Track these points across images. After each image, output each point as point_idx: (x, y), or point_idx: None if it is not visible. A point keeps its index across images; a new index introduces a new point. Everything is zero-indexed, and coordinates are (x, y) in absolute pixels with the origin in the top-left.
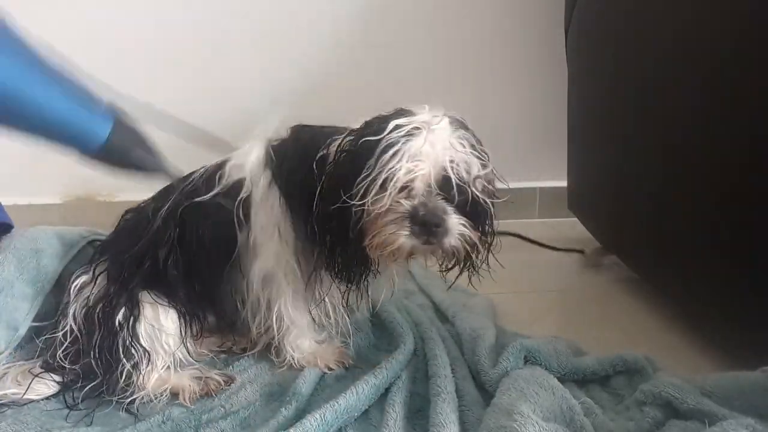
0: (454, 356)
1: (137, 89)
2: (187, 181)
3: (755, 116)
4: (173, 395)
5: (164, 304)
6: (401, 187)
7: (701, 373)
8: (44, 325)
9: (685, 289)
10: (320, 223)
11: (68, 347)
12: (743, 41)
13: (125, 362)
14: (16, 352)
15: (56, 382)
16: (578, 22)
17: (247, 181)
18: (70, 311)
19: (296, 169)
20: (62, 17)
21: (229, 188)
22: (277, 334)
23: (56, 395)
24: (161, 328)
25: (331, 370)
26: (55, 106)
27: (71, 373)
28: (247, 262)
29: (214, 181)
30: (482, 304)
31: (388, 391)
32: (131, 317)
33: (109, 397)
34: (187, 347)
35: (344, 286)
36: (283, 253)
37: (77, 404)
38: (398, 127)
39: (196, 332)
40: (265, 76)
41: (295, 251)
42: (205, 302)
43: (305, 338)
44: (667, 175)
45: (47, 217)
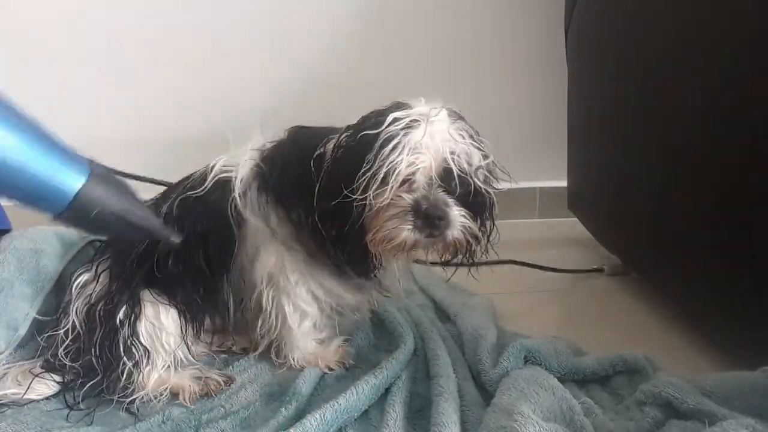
0: (454, 356)
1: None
2: (187, 180)
3: (755, 116)
4: (173, 395)
5: (165, 302)
6: (402, 180)
7: (701, 373)
8: (47, 320)
9: (685, 289)
10: (321, 220)
11: (69, 345)
12: (743, 41)
13: (126, 361)
14: (16, 352)
15: (56, 382)
16: (578, 22)
17: (238, 181)
18: (71, 309)
19: (293, 168)
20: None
21: (222, 186)
22: (277, 334)
23: (56, 395)
24: (161, 326)
25: (331, 370)
26: (16, 160)
27: (71, 371)
28: (246, 263)
29: (206, 179)
30: (482, 304)
31: (388, 391)
32: (132, 315)
33: (109, 396)
34: (187, 345)
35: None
36: (281, 253)
37: (78, 403)
38: (396, 119)
39: (196, 331)
40: (265, 76)
41: (293, 251)
42: (205, 303)
43: (306, 339)
44: (667, 175)
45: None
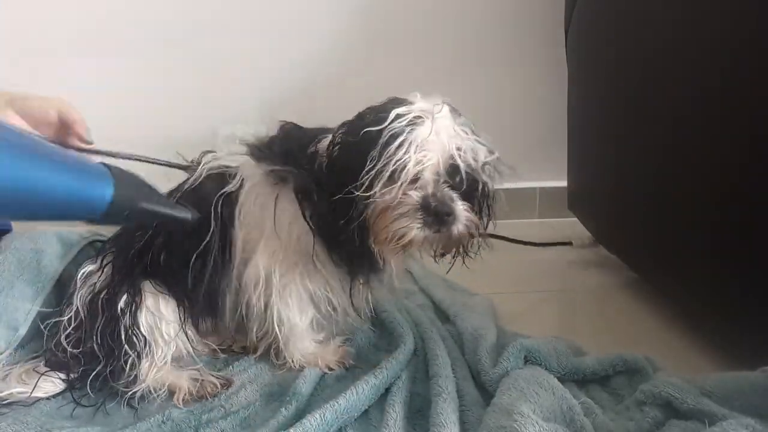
0: (454, 356)
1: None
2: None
3: (755, 116)
4: (171, 393)
5: (164, 293)
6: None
7: (701, 373)
8: (49, 312)
9: (685, 289)
10: (317, 218)
11: (71, 333)
12: (743, 41)
13: (128, 350)
14: (16, 352)
15: (62, 379)
16: (578, 22)
17: (233, 176)
18: (75, 297)
19: (286, 164)
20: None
21: (214, 180)
22: (275, 336)
23: (63, 392)
24: (161, 316)
25: (331, 370)
26: (49, 187)
27: (74, 359)
28: (239, 262)
29: (199, 174)
30: (482, 304)
31: (388, 391)
32: (133, 304)
33: (113, 382)
34: (186, 333)
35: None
36: (277, 251)
37: (83, 396)
38: (399, 116)
39: (193, 321)
40: (264, 75)
41: (289, 249)
42: (203, 301)
43: (305, 339)
44: (666, 175)
45: None
